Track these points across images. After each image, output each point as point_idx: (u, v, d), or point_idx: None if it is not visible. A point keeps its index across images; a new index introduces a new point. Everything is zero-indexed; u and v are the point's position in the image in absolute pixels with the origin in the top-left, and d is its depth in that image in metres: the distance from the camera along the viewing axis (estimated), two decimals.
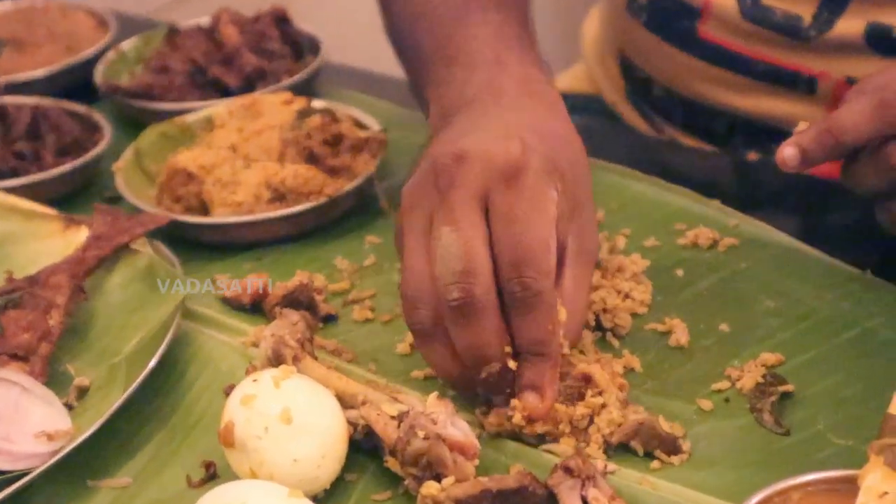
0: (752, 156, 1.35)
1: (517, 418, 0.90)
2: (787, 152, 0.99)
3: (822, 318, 1.02)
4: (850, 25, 1.24)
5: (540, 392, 0.90)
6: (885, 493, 0.75)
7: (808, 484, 0.79)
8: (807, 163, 0.99)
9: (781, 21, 1.26)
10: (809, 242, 1.11)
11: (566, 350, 0.93)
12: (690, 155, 1.37)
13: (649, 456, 0.90)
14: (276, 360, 0.95)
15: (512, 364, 0.90)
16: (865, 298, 1.03)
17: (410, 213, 0.92)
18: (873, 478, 0.75)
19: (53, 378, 1.00)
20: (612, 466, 0.89)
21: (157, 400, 0.99)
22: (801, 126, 1.01)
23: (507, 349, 0.90)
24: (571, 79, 1.60)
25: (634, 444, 0.91)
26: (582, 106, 1.54)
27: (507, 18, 1.10)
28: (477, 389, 0.92)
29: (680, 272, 1.09)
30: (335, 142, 1.20)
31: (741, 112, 1.33)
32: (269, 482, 0.83)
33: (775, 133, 1.31)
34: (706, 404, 0.94)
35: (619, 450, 0.91)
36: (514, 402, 0.90)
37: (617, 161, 1.24)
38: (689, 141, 1.40)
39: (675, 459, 0.90)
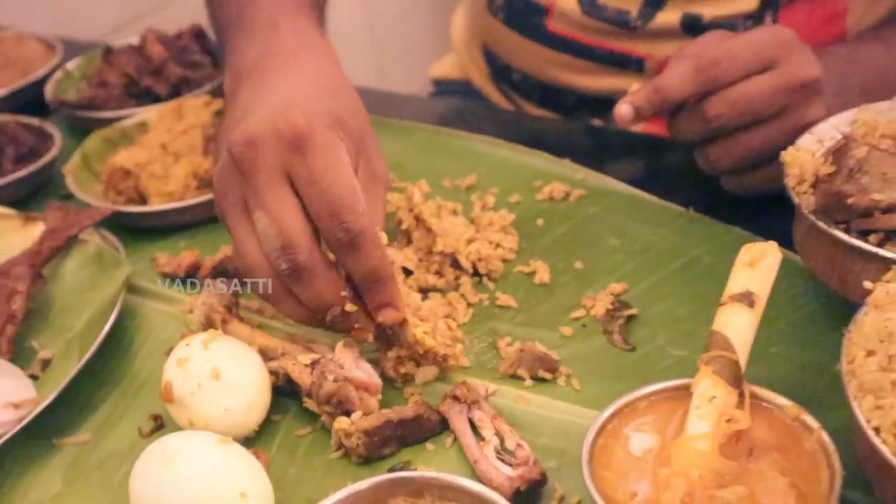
0: (597, 122, 1.30)
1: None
2: (623, 109, 0.95)
3: (657, 250, 0.97)
4: (668, 16, 1.19)
5: (391, 306, 0.82)
6: (714, 397, 0.71)
7: (651, 394, 0.74)
8: (639, 117, 0.95)
9: (613, 15, 1.21)
10: (644, 189, 1.06)
11: None
12: (545, 124, 1.31)
13: (535, 379, 0.85)
14: (207, 325, 0.89)
15: (350, 306, 0.82)
16: (690, 231, 0.99)
17: (225, 199, 0.83)
18: (704, 385, 0.71)
19: (20, 354, 0.93)
20: (492, 388, 0.84)
21: (109, 366, 0.92)
22: (634, 87, 0.96)
23: (343, 293, 0.81)
24: (444, 66, 1.53)
25: (521, 371, 0.85)
26: (454, 90, 1.48)
27: None
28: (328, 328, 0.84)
29: (540, 222, 1.04)
30: None
31: (585, 89, 1.28)
32: (203, 431, 0.77)
33: (612, 104, 1.26)
34: (567, 331, 0.90)
35: (506, 379, 0.85)
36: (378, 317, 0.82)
37: (486, 134, 1.18)
38: (543, 113, 1.34)
39: (559, 377, 0.85)
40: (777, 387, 0.72)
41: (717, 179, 1.00)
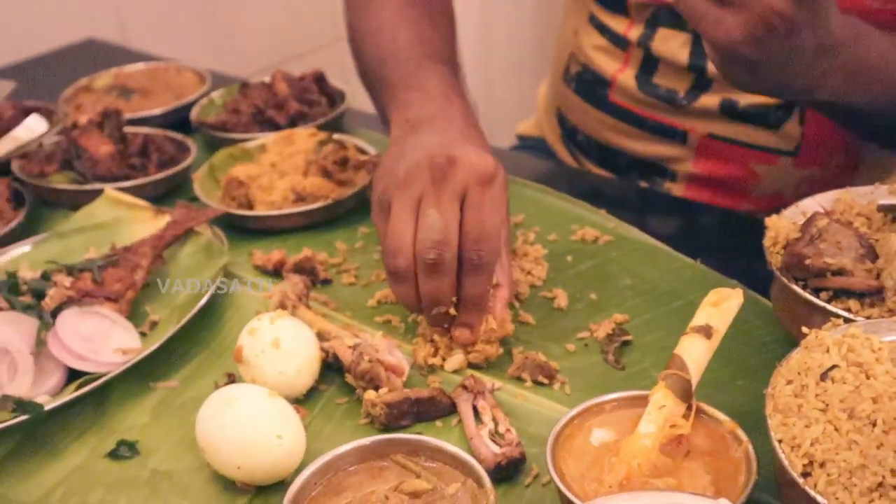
0: (643, 184, 1.39)
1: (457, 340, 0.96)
2: None
3: (660, 291, 1.06)
4: (709, 99, 1.27)
5: (471, 329, 0.95)
6: (663, 406, 0.79)
7: (617, 399, 0.83)
8: None
9: (664, 93, 1.30)
10: (664, 241, 1.14)
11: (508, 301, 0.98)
12: (595, 180, 1.41)
13: (536, 382, 0.95)
14: (281, 308, 1.01)
15: (452, 311, 0.94)
16: (692, 279, 1.07)
17: (404, 189, 0.93)
18: (658, 396, 0.79)
19: (136, 315, 1.06)
20: (498, 384, 0.94)
21: (202, 332, 1.05)
22: None
23: (453, 299, 0.94)
24: (528, 125, 1.64)
25: (524, 374, 0.95)
26: (532, 145, 1.59)
27: (450, 70, 1.15)
28: (426, 320, 0.97)
29: (569, 258, 1.13)
30: (343, 162, 1.25)
31: (636, 153, 1.37)
32: (258, 386, 0.89)
33: (658, 168, 1.35)
34: (571, 347, 0.99)
35: (512, 380, 0.95)
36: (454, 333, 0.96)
37: (550, 185, 1.27)
38: (600, 172, 1.44)
39: (555, 383, 0.94)
40: (736, 411, 0.80)
41: (727, 242, 1.09)
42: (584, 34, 1.38)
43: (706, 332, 0.82)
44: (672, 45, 1.27)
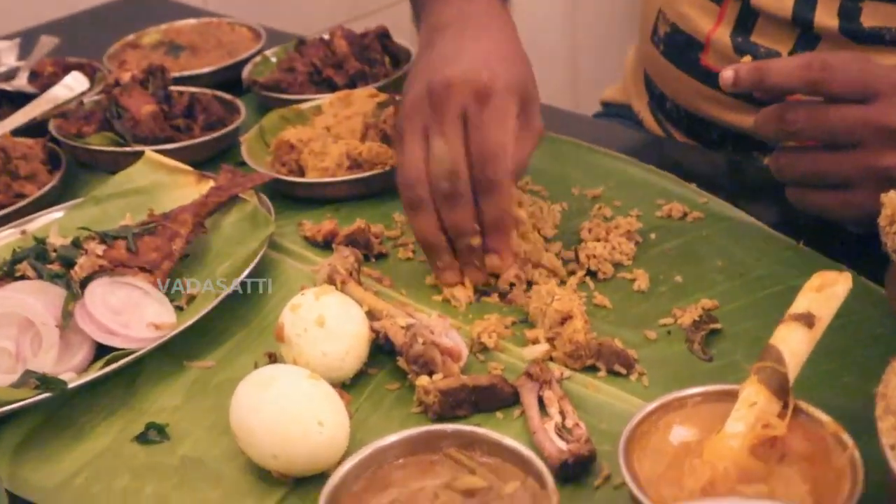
0: (737, 157, 1.33)
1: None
2: (726, 73, 0.98)
3: (756, 275, 1.01)
4: None
5: (500, 255, 0.98)
6: (755, 403, 0.74)
7: (700, 394, 0.78)
8: (735, 86, 0.97)
9: (763, 55, 1.24)
10: (762, 220, 1.09)
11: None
12: (686, 151, 1.35)
13: (612, 373, 0.90)
14: (329, 283, 0.98)
15: (477, 240, 0.98)
16: (794, 263, 1.01)
17: (411, 119, 0.97)
18: (748, 391, 0.75)
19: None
20: (567, 373, 0.90)
21: (243, 308, 1.03)
22: (746, 59, 0.99)
23: (476, 227, 0.97)
24: (614, 91, 1.59)
25: (598, 363, 0.91)
26: (616, 113, 1.54)
27: None
28: (446, 258, 1.00)
29: (653, 235, 1.08)
30: None
31: (728, 124, 1.31)
32: (296, 367, 0.86)
33: (755, 141, 1.29)
34: (651, 334, 0.94)
35: (586, 370, 0.91)
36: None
37: (633, 156, 1.23)
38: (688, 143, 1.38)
39: (633, 374, 0.90)
40: (840, 412, 0.74)
41: (835, 222, 1.02)
42: None
43: (807, 320, 0.77)
44: None
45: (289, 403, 0.81)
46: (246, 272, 1.02)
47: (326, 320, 0.89)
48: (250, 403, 0.82)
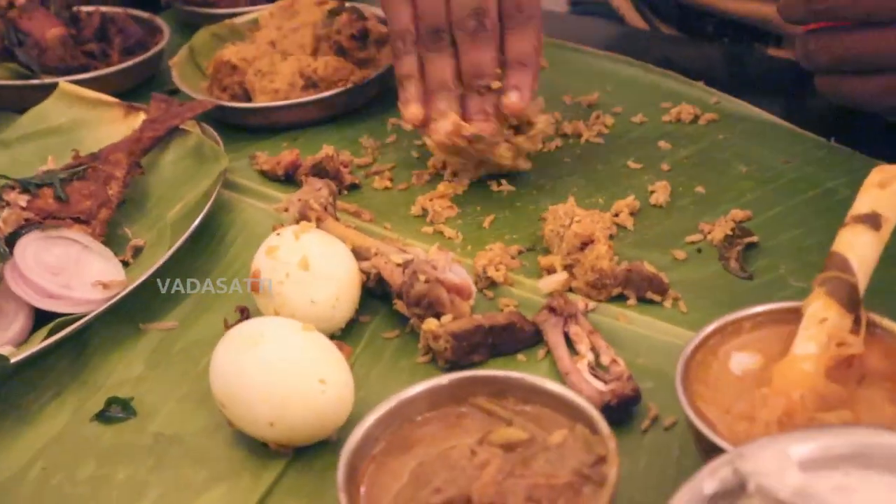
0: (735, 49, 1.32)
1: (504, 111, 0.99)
2: None
3: (788, 179, 0.99)
4: None
5: (521, 92, 0.98)
6: (825, 319, 0.72)
7: (758, 315, 0.76)
8: None
9: None
10: (783, 118, 1.07)
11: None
12: (681, 45, 1.33)
13: (643, 301, 0.88)
14: (302, 220, 0.94)
15: (496, 84, 0.98)
16: (828, 163, 1.01)
17: None
18: (815, 306, 0.73)
19: (113, 240, 1.00)
20: (592, 305, 0.87)
21: (201, 257, 0.99)
22: None
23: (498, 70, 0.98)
24: None
25: (627, 292, 0.89)
26: (591, 11, 1.51)
27: None
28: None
29: (663, 143, 1.06)
30: (362, 36, 1.17)
31: (727, 13, 1.29)
32: (285, 319, 0.82)
33: (757, 32, 1.27)
34: (680, 254, 0.93)
35: (612, 300, 0.89)
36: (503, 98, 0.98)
37: (616, 52, 1.21)
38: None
39: (666, 300, 0.88)
40: None
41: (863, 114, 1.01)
42: None
43: (873, 221, 0.76)
44: None
45: (283, 361, 0.77)
46: (201, 216, 0.97)
47: (311, 263, 0.85)
48: (235, 366, 0.77)
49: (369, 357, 0.87)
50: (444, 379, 0.74)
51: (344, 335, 0.88)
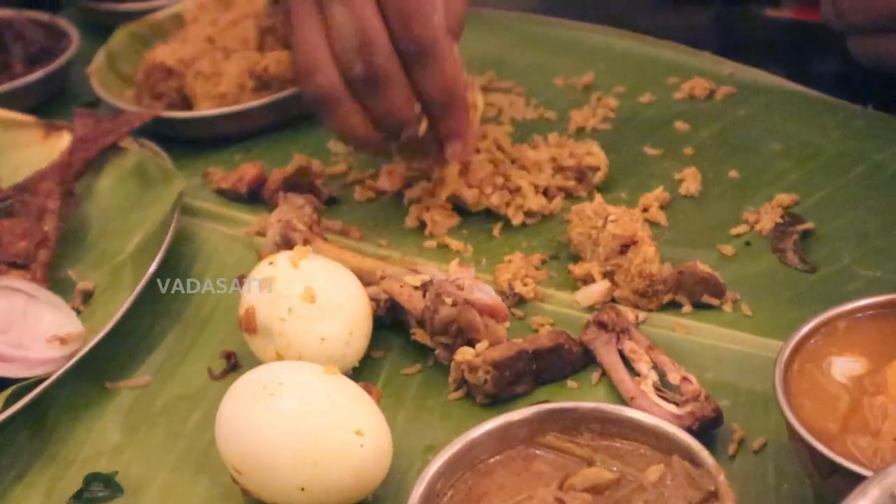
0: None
1: (452, 174, 0.96)
2: None
3: (830, 155, 1.00)
4: None
5: (460, 137, 0.92)
6: None
7: (854, 311, 0.75)
8: None
9: None
10: (807, 85, 1.08)
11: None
12: (661, 7, 1.32)
13: (698, 306, 0.87)
14: (285, 246, 0.91)
15: (423, 127, 0.92)
16: (871, 132, 1.01)
17: None
18: None
19: (56, 284, 0.96)
20: (641, 315, 0.86)
21: (166, 297, 0.95)
22: None
23: (417, 109, 0.91)
24: None
25: (679, 298, 0.87)
26: None
27: None
28: (394, 156, 0.97)
29: (680, 124, 1.06)
30: None
31: None
32: (301, 362, 0.79)
33: None
34: (727, 249, 0.92)
35: (663, 309, 0.87)
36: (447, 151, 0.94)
37: (600, 23, 1.20)
38: None
39: (725, 303, 0.86)
40: None
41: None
42: None
43: None
44: None
45: (310, 413, 0.73)
46: (163, 249, 0.93)
47: (317, 294, 0.82)
48: (250, 422, 0.74)
49: (391, 399, 0.84)
50: (517, 415, 0.72)
51: (357, 375, 0.85)
